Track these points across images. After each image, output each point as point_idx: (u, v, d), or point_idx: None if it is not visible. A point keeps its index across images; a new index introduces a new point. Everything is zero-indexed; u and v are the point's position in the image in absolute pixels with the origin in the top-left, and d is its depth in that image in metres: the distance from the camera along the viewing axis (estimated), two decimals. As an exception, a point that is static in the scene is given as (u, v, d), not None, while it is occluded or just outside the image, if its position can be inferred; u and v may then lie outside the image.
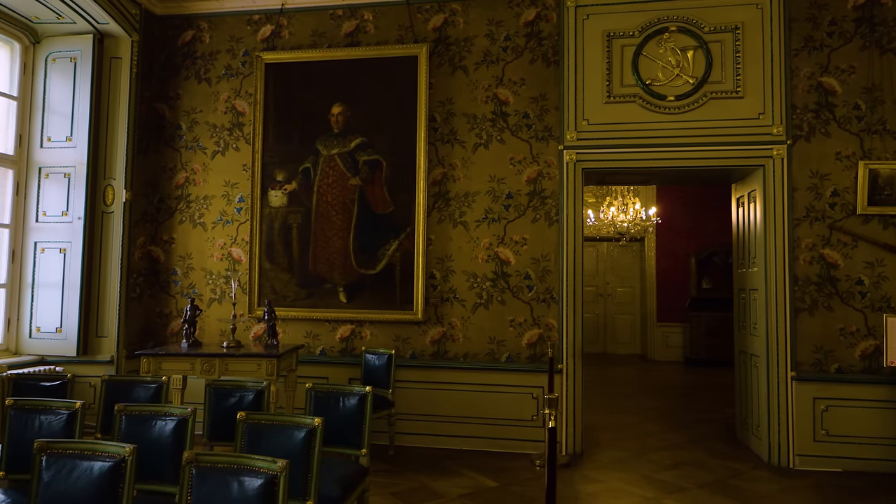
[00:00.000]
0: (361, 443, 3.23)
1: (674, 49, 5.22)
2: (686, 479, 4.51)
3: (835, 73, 5.04)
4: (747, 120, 5.09)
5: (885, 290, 4.87)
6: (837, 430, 4.82)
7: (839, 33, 5.05)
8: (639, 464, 4.88)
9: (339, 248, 5.45)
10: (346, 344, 5.47)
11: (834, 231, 4.95)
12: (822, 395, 4.86)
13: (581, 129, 5.28)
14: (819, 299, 4.94)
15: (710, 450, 5.31)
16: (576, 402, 5.13)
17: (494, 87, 5.45)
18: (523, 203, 5.35)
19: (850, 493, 4.25)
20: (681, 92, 5.18)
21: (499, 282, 5.33)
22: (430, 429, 5.29)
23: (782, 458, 4.86)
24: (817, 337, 4.92)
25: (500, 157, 5.40)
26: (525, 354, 5.26)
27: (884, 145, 4.93)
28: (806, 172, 5.02)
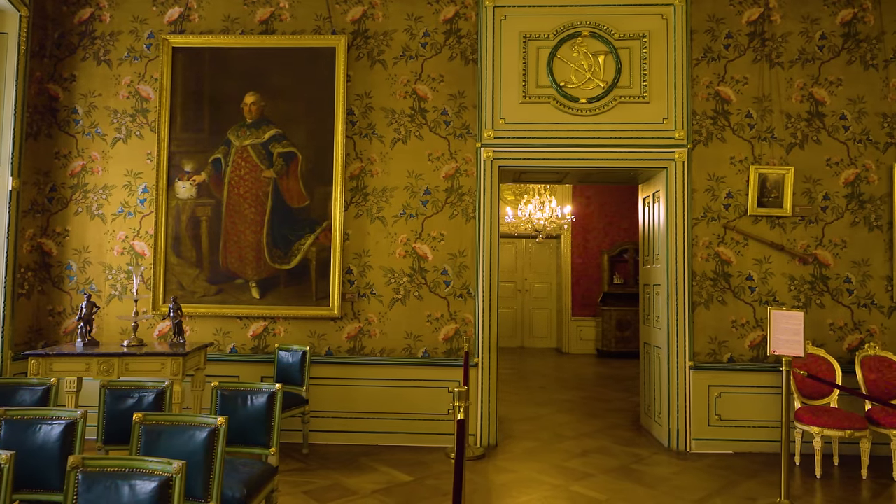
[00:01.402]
0: (270, 442, 3.14)
1: (586, 53, 5.41)
2: (592, 466, 4.71)
3: (730, 83, 5.40)
4: (652, 124, 5.37)
5: (771, 286, 5.28)
6: (729, 414, 5.18)
7: (734, 46, 5.42)
8: (550, 453, 5.05)
9: (251, 242, 5.27)
10: (258, 341, 5.31)
11: (728, 230, 5.32)
12: (716, 383, 5.21)
13: (498, 127, 5.38)
14: (714, 294, 5.29)
15: (616, 437, 5.57)
16: (490, 395, 5.23)
17: (413, 82, 5.44)
18: (441, 199, 5.39)
19: (737, 473, 4.59)
20: (592, 95, 5.39)
21: (416, 277, 5.34)
22: (346, 426, 5.23)
23: (680, 443, 5.17)
24: (712, 329, 5.27)
25: (419, 153, 5.41)
26: (442, 349, 5.30)
27: (772, 151, 5.35)
28: (704, 175, 5.36)
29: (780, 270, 5.28)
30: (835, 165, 5.32)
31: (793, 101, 5.36)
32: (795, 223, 5.30)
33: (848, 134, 5.33)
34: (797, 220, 5.30)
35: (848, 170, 5.31)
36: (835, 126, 5.34)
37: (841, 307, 5.25)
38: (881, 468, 4.66)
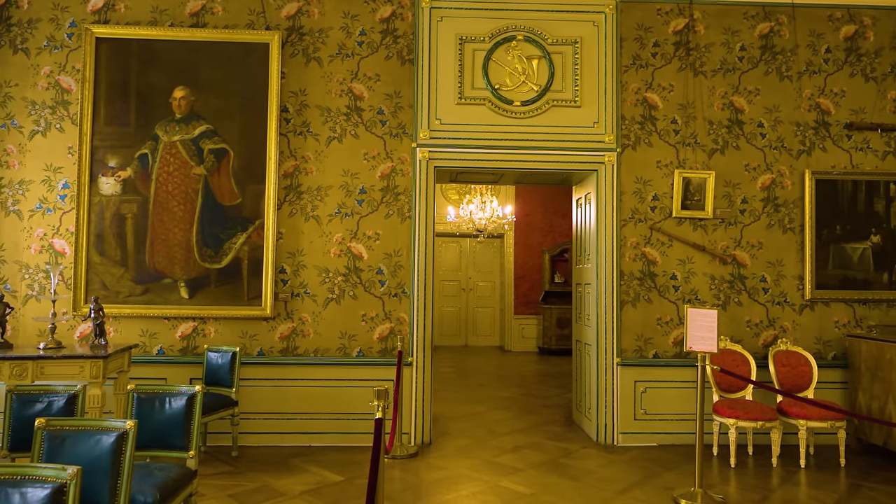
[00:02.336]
0: (189, 445, 3.08)
1: (521, 57, 5.52)
2: (523, 462, 4.82)
3: (657, 90, 5.62)
4: (584, 128, 5.52)
5: (693, 285, 5.53)
6: (654, 408, 5.40)
7: (661, 54, 5.63)
8: (482, 450, 5.13)
9: (180, 240, 5.13)
10: (187, 342, 5.17)
11: (654, 231, 5.53)
12: (641, 379, 5.42)
13: (434, 127, 5.42)
14: (641, 292, 5.50)
15: (548, 433, 5.71)
16: (425, 393, 5.27)
17: (349, 81, 5.42)
18: (377, 198, 5.39)
19: (659, 464, 4.79)
20: (526, 98, 5.50)
21: (351, 277, 5.33)
22: (278, 427, 5.16)
23: (608, 437, 5.35)
24: (639, 326, 5.47)
25: (354, 152, 5.39)
26: (376, 348, 5.31)
27: (695, 156, 5.59)
28: (632, 178, 5.55)
29: (701, 270, 5.53)
30: (752, 171, 5.61)
31: (715, 108, 5.62)
32: (716, 225, 5.56)
33: (765, 141, 5.63)
34: (718, 223, 5.56)
35: (764, 175, 5.61)
36: (753, 133, 5.62)
37: (757, 305, 5.54)
38: (791, 456, 4.95)
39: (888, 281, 5.59)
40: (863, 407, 5.17)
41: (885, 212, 5.61)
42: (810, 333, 5.54)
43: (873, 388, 5.05)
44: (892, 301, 5.58)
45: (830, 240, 5.57)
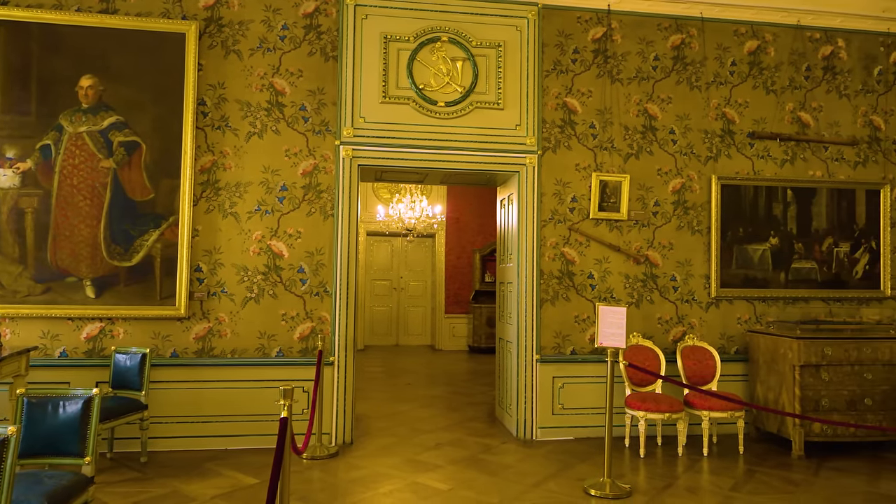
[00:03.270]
0: (85, 451, 2.94)
1: (445, 58, 5.57)
2: (443, 458, 4.87)
3: (577, 95, 5.81)
4: (506, 130, 5.64)
5: (609, 283, 5.75)
6: (571, 403, 5.58)
7: (581, 61, 5.83)
8: (404, 448, 5.15)
9: (86, 237, 4.88)
10: (93, 344, 4.92)
11: (572, 232, 5.71)
12: (559, 374, 5.59)
13: (358, 126, 5.39)
14: (560, 291, 5.67)
15: (471, 430, 5.80)
16: (347, 393, 5.23)
17: (271, 75, 5.31)
18: (298, 196, 5.31)
19: (574, 457, 4.96)
20: (450, 99, 5.56)
21: (271, 275, 5.22)
22: (193, 430, 5.00)
23: (528, 432, 5.49)
24: (557, 324, 5.64)
25: (275, 148, 5.29)
26: (297, 348, 5.23)
27: (611, 160, 5.82)
28: (552, 180, 5.72)
29: (617, 269, 5.76)
30: (664, 175, 5.89)
31: (630, 114, 5.87)
32: (631, 226, 5.81)
33: (676, 147, 5.92)
34: (632, 224, 5.81)
35: (675, 179, 5.90)
36: (665, 139, 5.91)
37: (667, 303, 5.83)
38: (696, 445, 5.24)
39: (784, 280, 6.00)
40: (760, 398, 5.53)
41: (782, 216, 6.03)
42: (715, 329, 5.87)
43: (769, 380, 5.42)
44: (787, 299, 6.00)
45: (734, 241, 5.93)
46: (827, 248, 6.08)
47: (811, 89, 6.15)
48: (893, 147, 6.25)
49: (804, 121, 6.12)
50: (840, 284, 6.08)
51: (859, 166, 6.17)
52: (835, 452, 5.18)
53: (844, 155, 6.16)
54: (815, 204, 6.08)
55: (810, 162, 6.10)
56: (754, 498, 4.11)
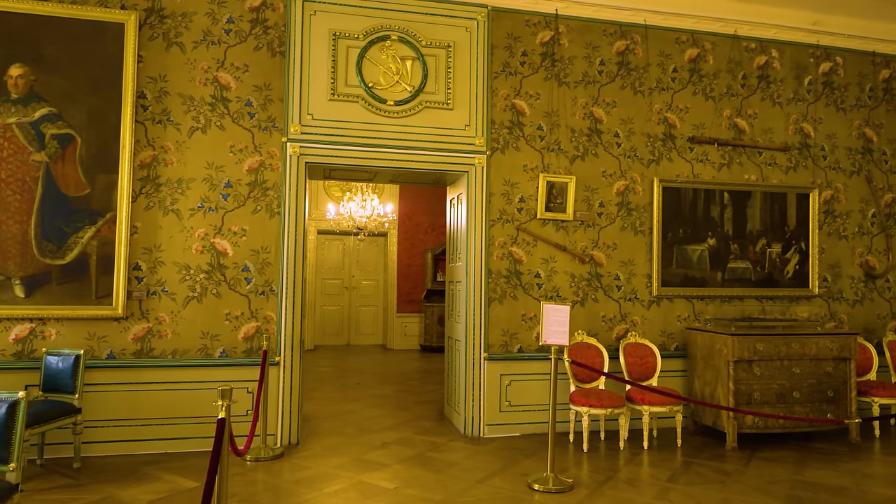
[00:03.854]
0: (10, 457, 2.82)
1: (395, 57, 5.57)
2: (390, 457, 4.87)
3: (525, 98, 5.90)
4: (456, 130, 5.68)
5: (555, 282, 5.87)
6: (517, 400, 5.67)
7: (529, 63, 5.92)
8: (351, 448, 5.13)
9: (15, 233, 4.65)
10: (23, 346, 4.70)
11: (520, 232, 5.80)
12: (507, 372, 5.67)
13: (305, 123, 5.33)
14: (507, 290, 5.75)
15: (419, 428, 5.81)
16: (293, 393, 5.17)
17: (216, 69, 5.19)
18: (244, 193, 5.21)
19: (520, 453, 5.04)
20: (400, 98, 5.56)
21: (215, 274, 5.11)
22: (131, 434, 4.84)
23: (475, 429, 5.55)
24: (505, 322, 5.72)
25: (220, 144, 5.17)
26: (241, 348, 5.13)
27: (558, 162, 5.93)
28: (501, 180, 5.79)
29: (563, 269, 5.89)
30: (609, 177, 6.05)
31: (577, 117, 6.00)
32: (576, 227, 5.94)
33: (620, 150, 6.09)
34: (578, 224, 5.94)
35: (619, 181, 6.07)
36: (610, 142, 6.07)
37: (611, 301, 5.99)
38: (637, 439, 5.41)
39: (721, 279, 6.26)
40: (697, 392, 5.75)
41: (719, 217, 6.28)
42: (656, 327, 6.07)
43: (706, 375, 5.64)
44: (724, 297, 6.25)
45: (674, 242, 6.14)
46: (760, 248, 6.37)
47: (747, 97, 6.43)
48: (822, 153, 6.60)
49: (740, 127, 6.39)
50: (772, 283, 6.38)
51: (791, 171, 6.49)
52: (766, 443, 5.43)
53: (777, 160, 6.46)
54: (750, 206, 6.36)
55: (746, 166, 6.37)
56: (689, 488, 4.27)
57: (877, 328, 6.63)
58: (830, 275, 6.55)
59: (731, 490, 4.25)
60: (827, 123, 6.63)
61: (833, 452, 5.21)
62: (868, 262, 6.66)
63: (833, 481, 4.46)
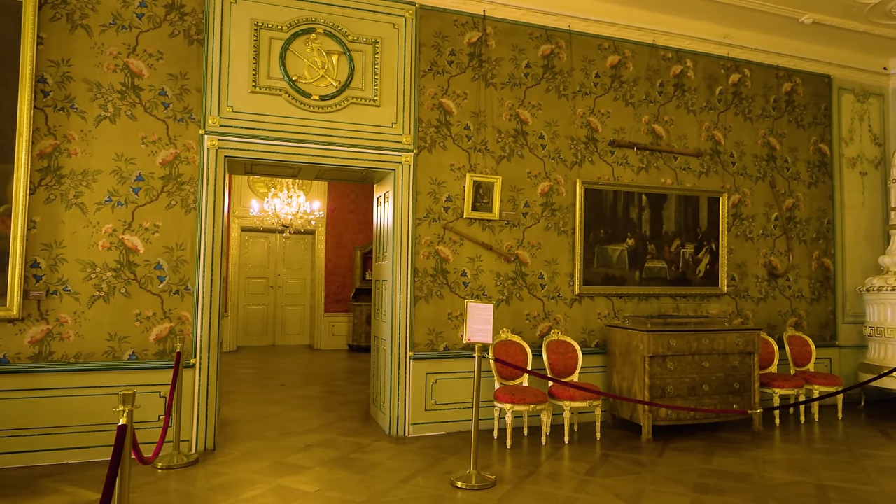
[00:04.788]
0: None
1: (320, 51, 5.45)
2: (312, 460, 4.76)
3: (452, 97, 5.91)
4: (383, 127, 5.62)
5: (481, 281, 5.92)
6: (443, 398, 5.68)
7: (457, 63, 5.94)
8: (272, 451, 4.97)
9: None
10: None
11: (447, 231, 5.81)
12: (433, 371, 5.67)
13: (225, 115, 5.12)
14: (434, 289, 5.75)
15: (343, 429, 5.72)
16: (209, 396, 4.95)
17: (126, 55, 4.90)
18: (157, 187, 4.94)
19: (444, 451, 5.05)
20: (325, 93, 5.44)
21: (124, 272, 4.82)
22: (27, 445, 4.49)
23: (400, 429, 5.51)
24: (431, 321, 5.71)
25: (131, 135, 4.88)
26: (153, 350, 4.87)
27: (485, 161, 5.99)
28: (428, 179, 5.78)
29: (489, 268, 5.95)
30: (534, 178, 6.16)
31: (503, 118, 6.08)
32: (502, 226, 6.02)
33: (545, 151, 6.22)
34: (504, 224, 6.02)
35: (544, 182, 6.20)
36: (535, 144, 6.18)
37: (535, 299, 6.11)
38: (558, 434, 5.54)
39: (639, 278, 6.51)
40: (616, 387, 5.96)
41: (638, 219, 6.53)
42: (578, 324, 6.24)
43: (624, 370, 5.85)
44: (641, 295, 6.51)
45: (596, 242, 6.34)
46: (675, 249, 6.68)
47: (664, 104, 6.72)
48: (731, 160, 6.99)
49: (657, 132, 6.68)
50: (685, 282, 6.70)
51: (703, 176, 6.84)
52: (678, 434, 5.70)
53: (691, 165, 6.79)
54: (666, 209, 6.65)
55: (662, 170, 6.66)
56: (606, 480, 4.41)
57: (778, 324, 7.10)
58: (738, 274, 6.95)
59: (646, 481, 4.42)
60: (736, 131, 7.03)
61: (738, 441, 5.53)
62: (771, 262, 7.12)
63: (737, 468, 4.73)
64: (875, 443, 5.56)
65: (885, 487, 4.34)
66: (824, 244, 7.42)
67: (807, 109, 7.42)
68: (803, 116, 7.40)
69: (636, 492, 4.19)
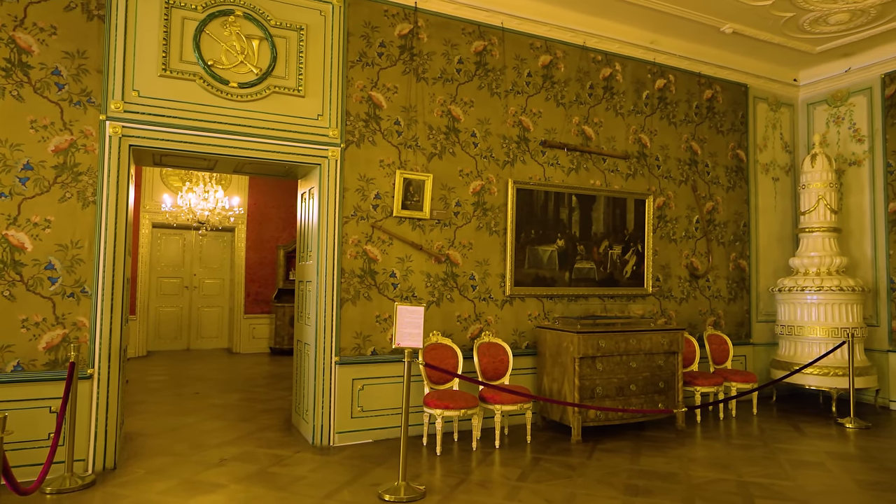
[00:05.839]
0: None
1: (240, 35, 5.07)
2: (227, 476, 4.39)
3: (382, 90, 5.67)
4: (308, 119, 5.31)
5: (411, 282, 5.71)
6: (370, 405, 5.43)
7: (387, 55, 5.71)
8: (182, 468, 4.56)
9: None
10: None
11: (375, 229, 5.57)
12: (359, 376, 5.41)
13: (130, 100, 4.65)
14: (361, 290, 5.49)
15: (263, 440, 5.36)
16: (109, 410, 4.48)
17: (11, 28, 4.34)
18: (48, 178, 4.42)
19: (371, 461, 4.81)
20: (245, 80, 5.07)
21: (7, 273, 4.27)
22: None
23: (324, 438, 5.22)
24: (358, 324, 5.45)
25: (17, 118, 4.33)
26: (43, 361, 4.34)
27: (415, 158, 5.79)
28: (356, 175, 5.51)
29: (419, 268, 5.75)
30: (466, 176, 6.02)
31: (435, 114, 5.90)
32: (433, 225, 5.84)
33: (477, 150, 6.09)
34: (434, 223, 5.85)
35: (475, 181, 6.07)
36: (467, 142, 6.04)
37: (466, 301, 5.97)
38: (489, 439, 5.42)
39: (569, 279, 6.52)
40: (546, 389, 5.91)
41: (568, 220, 6.53)
42: (509, 326, 6.16)
43: (554, 371, 5.81)
44: (571, 296, 6.52)
45: (527, 242, 6.28)
46: (603, 250, 6.73)
47: (594, 105, 6.76)
48: (656, 163, 7.14)
49: (587, 134, 6.71)
50: (613, 283, 6.78)
51: (630, 178, 6.94)
52: (607, 434, 5.72)
53: (619, 167, 6.88)
54: (595, 210, 6.69)
55: (591, 172, 6.70)
56: (538, 486, 4.32)
57: (698, 323, 7.32)
58: (662, 275, 7.11)
59: (577, 485, 4.36)
60: (661, 135, 7.19)
61: (663, 440, 5.61)
62: (693, 263, 7.33)
63: (664, 468, 4.77)
64: (788, 437, 5.80)
65: (800, 482, 4.50)
66: (741, 246, 7.73)
67: (726, 116, 7.71)
68: (722, 123, 7.68)
69: (568, 496, 4.12)
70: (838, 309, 6.86)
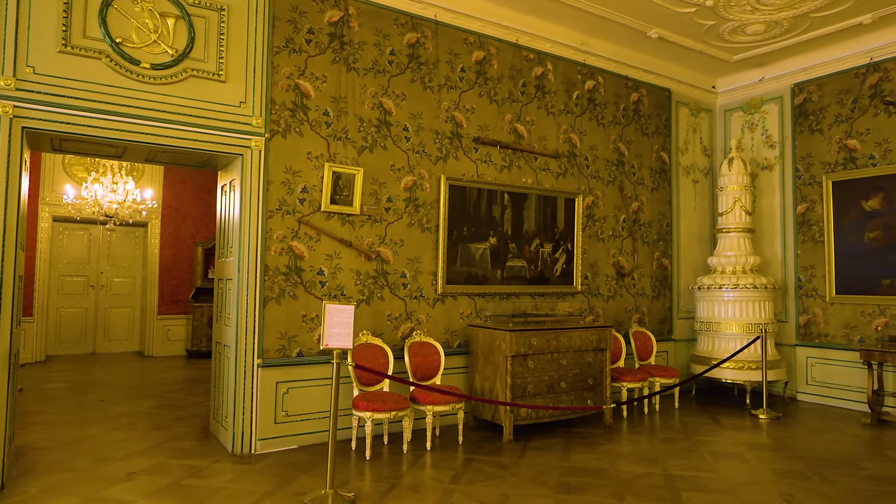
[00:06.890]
0: None
1: (153, 12, 4.67)
2: (135, 492, 4.02)
3: (310, 79, 5.41)
4: (229, 106, 4.98)
5: (340, 280, 5.48)
6: (295, 409, 5.16)
7: (316, 43, 5.45)
8: (83, 484, 4.13)
9: None
10: None
11: (302, 225, 5.30)
12: (284, 379, 5.13)
13: (23, 77, 4.17)
14: (286, 288, 5.20)
15: (177, 451, 4.97)
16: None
17: None
18: (-78, 160, 3.88)
19: (296, 469, 4.55)
20: (159, 61, 4.68)
21: None
22: None
23: (245, 446, 4.91)
24: (283, 324, 5.17)
25: None
26: (-86, 369, 3.81)
27: (346, 151, 5.56)
28: (281, 167, 5.22)
29: (348, 266, 5.53)
30: (398, 171, 5.85)
31: (366, 106, 5.69)
32: (363, 221, 5.63)
33: (409, 144, 5.93)
34: (365, 219, 5.64)
35: (407, 176, 5.91)
36: (399, 136, 5.87)
37: (397, 299, 5.80)
38: (420, 440, 5.28)
39: (501, 277, 6.48)
40: (478, 388, 5.84)
41: (500, 217, 6.49)
42: (441, 324, 6.04)
43: (486, 370, 5.75)
44: (503, 294, 6.49)
45: (459, 240, 6.19)
46: (535, 248, 6.75)
47: (526, 104, 6.76)
48: (585, 163, 7.24)
49: (520, 132, 6.70)
50: (544, 281, 6.81)
51: (560, 177, 6.99)
52: (538, 432, 5.72)
53: (550, 166, 6.91)
54: (527, 208, 6.70)
55: (523, 170, 6.70)
56: (470, 488, 4.22)
57: (624, 320, 7.50)
58: (591, 273, 7.22)
59: (510, 485, 4.30)
60: (590, 136, 7.30)
61: (592, 436, 5.67)
62: (619, 261, 7.50)
63: (594, 464, 4.79)
64: (708, 429, 6.02)
65: (722, 473, 4.64)
66: (664, 245, 7.99)
67: (650, 119, 7.94)
68: (647, 126, 7.90)
69: (501, 497, 4.05)
70: (752, 306, 7.21)
